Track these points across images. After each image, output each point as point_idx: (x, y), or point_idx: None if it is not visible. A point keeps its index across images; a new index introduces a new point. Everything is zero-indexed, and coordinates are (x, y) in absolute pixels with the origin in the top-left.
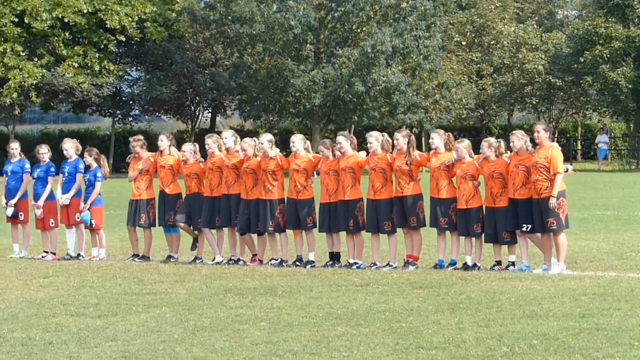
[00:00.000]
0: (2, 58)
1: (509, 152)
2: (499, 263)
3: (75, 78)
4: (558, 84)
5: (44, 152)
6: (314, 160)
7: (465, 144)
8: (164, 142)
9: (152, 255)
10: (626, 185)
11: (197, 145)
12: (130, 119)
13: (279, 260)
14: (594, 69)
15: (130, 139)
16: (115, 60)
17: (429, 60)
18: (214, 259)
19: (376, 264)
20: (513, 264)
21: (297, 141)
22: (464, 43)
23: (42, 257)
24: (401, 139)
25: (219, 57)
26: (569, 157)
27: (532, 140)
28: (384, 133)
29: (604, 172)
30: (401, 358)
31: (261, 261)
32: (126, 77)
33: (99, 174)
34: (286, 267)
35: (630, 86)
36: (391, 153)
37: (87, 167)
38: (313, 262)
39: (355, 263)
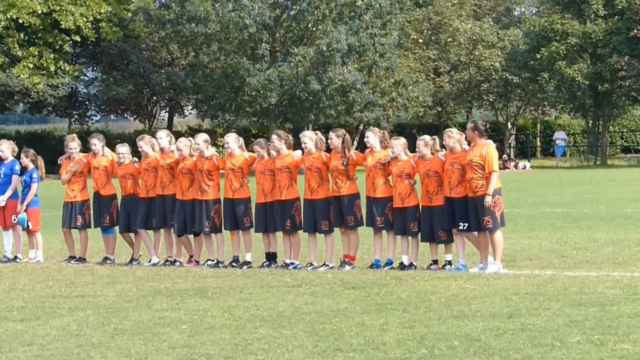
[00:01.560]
0: None
1: (444, 150)
2: (435, 262)
3: (30, 79)
4: (515, 80)
5: None
6: (249, 160)
7: (401, 142)
8: (97, 145)
9: (90, 257)
10: (581, 182)
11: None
12: (87, 119)
13: (215, 261)
14: (550, 65)
15: (66, 137)
16: (71, 61)
17: (385, 58)
18: (150, 261)
19: (313, 264)
20: (450, 263)
21: (231, 141)
22: (420, 41)
23: None
24: (335, 138)
25: (175, 56)
26: (527, 154)
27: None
28: (317, 132)
29: (562, 168)
30: None
31: (198, 262)
32: (82, 77)
33: (35, 175)
34: (222, 268)
35: (587, 82)
36: (327, 152)
37: (24, 169)
38: (250, 262)
39: (292, 263)
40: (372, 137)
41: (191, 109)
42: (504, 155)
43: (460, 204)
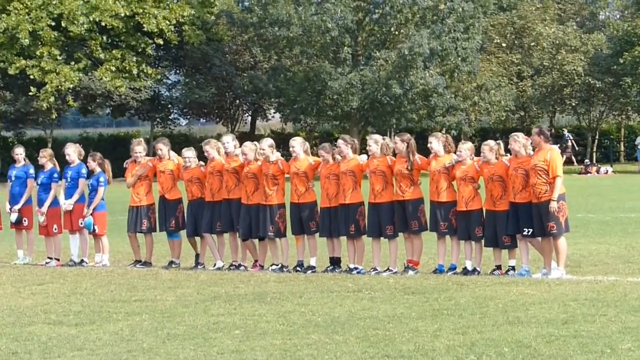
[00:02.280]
0: (39, 62)
1: (508, 154)
2: (499, 267)
3: (112, 82)
4: (598, 85)
5: (19, 152)
6: (314, 164)
7: (467, 146)
8: (163, 149)
9: (156, 262)
10: None
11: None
12: (169, 122)
13: (279, 265)
14: (633, 70)
15: (132, 141)
16: (154, 64)
17: (467, 62)
18: (214, 265)
19: (376, 269)
20: (513, 268)
21: (297, 145)
22: (504, 45)
23: (46, 263)
24: (400, 143)
25: (257, 60)
26: (609, 159)
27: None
28: (384, 137)
29: None
30: None
31: (262, 267)
32: (165, 80)
33: (102, 179)
34: (286, 273)
35: None
36: (392, 156)
37: (91, 172)
38: (314, 267)
39: (356, 268)
40: (435, 142)
41: (274, 113)
42: (586, 160)
43: (524, 209)
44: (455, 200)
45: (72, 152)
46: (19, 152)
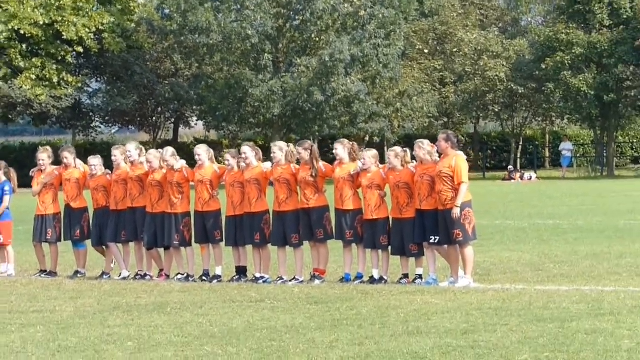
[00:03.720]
0: None
1: (414, 161)
2: (406, 276)
3: (33, 90)
4: (520, 91)
5: None
6: (219, 172)
7: (372, 153)
8: (69, 157)
9: (62, 272)
10: (584, 193)
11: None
12: (91, 130)
13: (185, 274)
14: (556, 75)
15: (39, 149)
16: (74, 72)
17: (389, 69)
18: (120, 274)
19: (283, 278)
20: (420, 277)
21: (202, 152)
22: (426, 51)
23: None
24: (303, 151)
25: (178, 67)
26: (534, 165)
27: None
28: (289, 144)
29: (569, 179)
30: None
31: (168, 276)
32: (86, 88)
33: (6, 188)
34: (191, 282)
35: (592, 93)
36: (296, 164)
37: None
38: (220, 276)
39: (262, 277)
40: (341, 149)
41: (196, 121)
42: (510, 167)
43: (430, 217)
44: (360, 208)
45: None
46: None
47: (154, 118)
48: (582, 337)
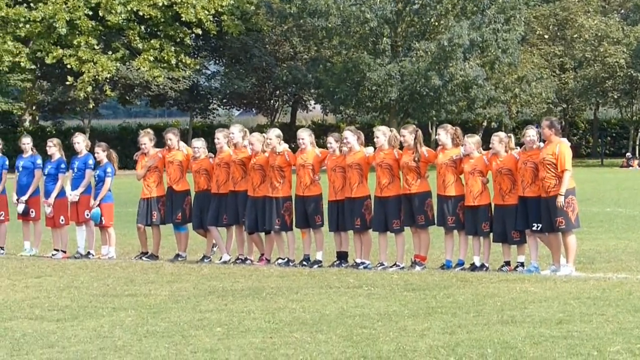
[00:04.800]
0: (77, 52)
1: (518, 147)
2: (507, 263)
3: (150, 72)
4: None
5: (26, 142)
6: (321, 156)
7: (474, 139)
8: (172, 139)
9: (164, 254)
10: None
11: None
12: (208, 113)
13: (285, 259)
14: None
15: (140, 132)
16: (192, 54)
17: (508, 54)
18: (220, 258)
19: (383, 264)
20: (522, 264)
21: (305, 136)
22: (546, 36)
23: (53, 255)
24: (408, 134)
25: (297, 50)
26: None
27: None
28: (392, 128)
29: None
30: None
31: (268, 260)
32: (204, 71)
33: (109, 170)
34: (291, 267)
35: None
36: (399, 149)
37: (98, 163)
38: (320, 261)
39: (363, 263)
40: (444, 135)
41: (314, 104)
42: (628, 153)
43: (533, 204)
44: (462, 194)
45: (81, 141)
46: (26, 141)
47: (272, 101)
48: None
